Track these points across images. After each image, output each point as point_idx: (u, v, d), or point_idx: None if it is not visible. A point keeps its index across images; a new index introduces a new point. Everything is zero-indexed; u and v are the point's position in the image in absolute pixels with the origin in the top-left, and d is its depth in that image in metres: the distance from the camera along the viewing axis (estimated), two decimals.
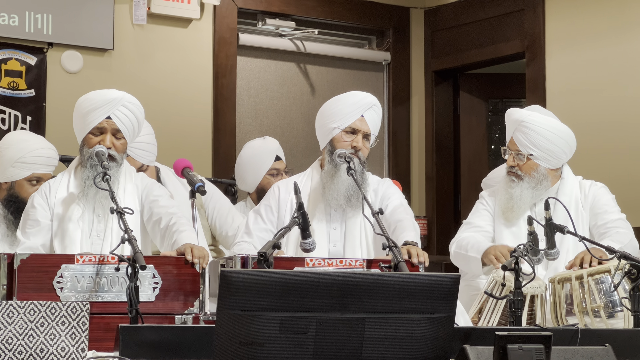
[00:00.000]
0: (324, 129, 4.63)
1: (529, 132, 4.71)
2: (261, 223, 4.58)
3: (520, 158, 4.75)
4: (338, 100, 4.65)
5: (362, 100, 4.62)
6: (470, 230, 4.82)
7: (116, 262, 3.74)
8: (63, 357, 2.99)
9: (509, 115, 4.85)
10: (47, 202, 4.34)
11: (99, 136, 4.34)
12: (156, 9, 6.82)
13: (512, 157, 4.77)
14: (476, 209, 4.92)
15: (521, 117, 4.76)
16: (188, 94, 6.97)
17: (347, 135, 4.58)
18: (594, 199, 4.78)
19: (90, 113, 4.34)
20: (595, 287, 4.21)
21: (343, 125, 4.57)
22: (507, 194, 4.76)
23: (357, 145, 4.56)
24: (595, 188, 4.81)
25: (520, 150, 4.74)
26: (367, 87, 7.87)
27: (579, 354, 3.12)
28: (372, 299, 2.87)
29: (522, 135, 4.72)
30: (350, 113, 4.58)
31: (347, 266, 4.08)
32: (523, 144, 4.72)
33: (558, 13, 7.11)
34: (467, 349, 3.00)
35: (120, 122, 4.35)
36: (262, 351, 2.79)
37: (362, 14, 7.77)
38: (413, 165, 7.93)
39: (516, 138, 4.74)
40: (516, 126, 4.75)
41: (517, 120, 4.76)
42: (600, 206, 4.75)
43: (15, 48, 6.45)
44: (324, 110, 4.68)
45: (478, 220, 4.85)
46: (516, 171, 4.75)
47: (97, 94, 4.40)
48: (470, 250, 4.64)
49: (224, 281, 2.77)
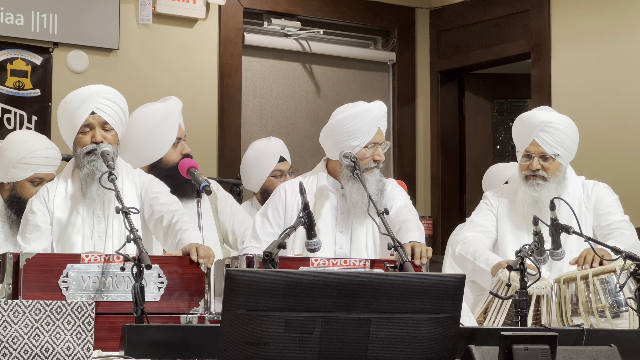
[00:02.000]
0: (342, 145, 4.59)
1: (556, 132, 4.70)
2: (268, 227, 4.57)
3: (545, 159, 4.73)
4: (356, 117, 4.59)
5: (378, 113, 4.63)
6: (474, 229, 4.80)
7: (121, 261, 3.75)
8: (68, 356, 2.99)
9: (526, 119, 4.78)
10: (46, 206, 4.33)
11: (89, 133, 4.33)
12: (162, 9, 6.82)
13: (536, 159, 4.74)
14: (480, 208, 4.91)
15: (546, 118, 4.74)
16: (193, 93, 6.97)
17: (367, 150, 4.60)
18: (597, 199, 4.77)
19: (73, 113, 4.33)
20: (600, 287, 4.21)
21: (364, 143, 4.59)
22: (530, 198, 4.70)
23: (380, 157, 4.62)
24: (599, 188, 4.80)
25: (545, 152, 4.71)
26: (373, 87, 7.88)
27: (584, 354, 3.12)
28: (377, 299, 2.87)
29: (547, 136, 4.70)
30: (370, 129, 4.60)
31: (351, 266, 4.08)
32: (549, 144, 4.70)
33: (564, 13, 7.10)
34: (472, 349, 3.00)
35: (106, 114, 4.34)
36: (267, 351, 2.79)
37: (368, 14, 7.77)
38: (418, 166, 7.92)
39: (540, 140, 4.71)
40: (541, 128, 4.71)
41: (541, 122, 4.72)
42: (604, 207, 4.74)
43: (20, 48, 6.46)
44: (339, 127, 4.61)
45: (481, 220, 4.83)
46: (541, 174, 4.72)
47: (75, 93, 4.39)
48: (479, 260, 4.60)
49: (229, 281, 2.77)
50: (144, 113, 4.87)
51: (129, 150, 4.67)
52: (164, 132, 4.83)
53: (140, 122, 4.81)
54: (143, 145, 4.79)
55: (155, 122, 4.83)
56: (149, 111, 4.88)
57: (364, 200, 4.45)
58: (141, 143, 4.78)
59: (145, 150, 4.81)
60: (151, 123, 4.82)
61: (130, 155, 4.64)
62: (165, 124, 4.85)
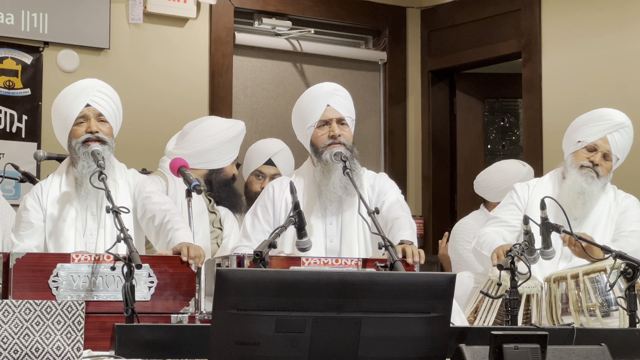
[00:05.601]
0: (302, 134, 4.63)
1: (627, 137, 4.79)
2: (258, 225, 4.57)
3: (606, 159, 4.75)
4: (300, 102, 4.65)
5: (321, 90, 4.61)
6: (495, 225, 4.79)
7: (112, 261, 3.74)
8: (58, 356, 2.98)
9: (606, 115, 4.82)
10: (40, 203, 4.33)
11: (84, 124, 4.33)
12: (152, 8, 6.81)
13: (600, 155, 4.75)
14: (504, 202, 4.89)
15: (625, 121, 4.81)
16: (184, 93, 6.97)
17: (321, 129, 4.56)
18: (626, 209, 4.81)
19: (68, 106, 4.35)
20: (590, 286, 4.22)
21: (313, 121, 4.55)
22: (579, 187, 4.71)
23: (334, 132, 4.53)
24: (629, 200, 4.86)
25: (611, 151, 4.75)
26: (364, 87, 7.88)
27: (574, 353, 3.12)
28: (368, 298, 2.87)
29: (620, 138, 4.76)
30: (316, 107, 4.55)
31: (342, 265, 4.08)
32: (618, 146, 4.76)
33: (554, 13, 7.11)
34: (462, 349, 3.00)
35: (101, 107, 4.36)
36: (258, 350, 2.79)
37: (359, 13, 7.77)
38: (409, 165, 7.93)
39: (613, 139, 4.75)
40: (617, 128, 4.76)
41: (620, 124, 4.78)
42: (626, 217, 4.78)
43: (11, 47, 6.44)
44: (293, 116, 4.70)
45: (504, 215, 4.81)
46: (598, 170, 4.74)
47: (69, 88, 4.41)
48: (485, 249, 4.62)
49: (219, 280, 2.77)
50: (229, 124, 5.33)
51: (201, 149, 5.14)
52: (234, 146, 5.27)
53: (223, 130, 5.25)
54: (218, 150, 5.20)
55: (233, 135, 5.26)
56: (231, 124, 5.33)
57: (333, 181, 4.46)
58: (217, 148, 5.19)
59: (217, 155, 5.20)
60: (231, 134, 5.25)
61: (201, 154, 5.13)
62: (237, 140, 5.29)
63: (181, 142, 5.26)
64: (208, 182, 5.22)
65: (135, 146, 6.42)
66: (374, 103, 7.93)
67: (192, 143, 5.17)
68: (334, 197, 4.52)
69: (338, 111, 4.56)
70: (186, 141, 5.20)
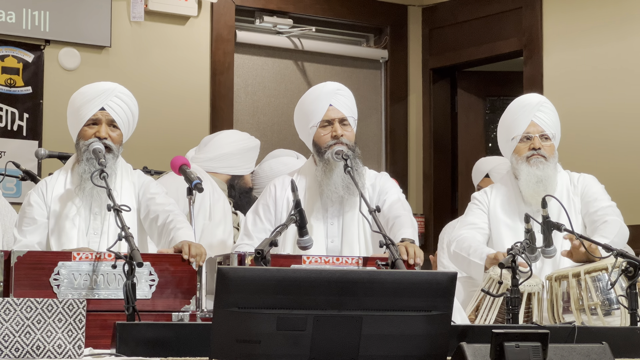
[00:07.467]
0: (304, 133, 4.62)
1: (550, 112, 4.76)
2: (259, 223, 4.57)
3: (545, 139, 4.73)
4: (302, 102, 4.63)
5: (323, 90, 4.60)
6: (467, 227, 4.80)
7: (113, 259, 3.74)
8: (60, 354, 2.98)
9: (522, 102, 4.79)
10: (44, 199, 4.33)
11: (94, 127, 4.33)
12: (153, 6, 6.81)
13: (537, 139, 4.73)
14: (469, 208, 4.90)
15: (541, 99, 4.82)
16: (185, 91, 6.97)
17: (324, 129, 4.56)
18: (584, 187, 4.78)
19: (83, 106, 4.33)
20: (592, 285, 4.21)
21: (316, 121, 4.55)
22: (535, 177, 4.67)
23: (337, 132, 4.52)
24: (584, 178, 4.82)
25: (545, 131, 4.72)
26: (365, 85, 7.88)
27: (575, 351, 3.13)
28: (369, 296, 2.87)
29: (545, 116, 4.73)
30: (318, 107, 4.55)
31: (343, 264, 4.08)
32: (547, 124, 4.72)
33: (556, 10, 7.11)
34: (464, 347, 3.00)
35: (115, 113, 4.34)
36: (259, 348, 2.79)
37: (360, 11, 7.77)
38: (410, 163, 7.93)
39: (539, 119, 4.71)
40: (538, 108, 4.73)
41: (538, 103, 4.76)
42: (591, 194, 4.75)
43: (12, 45, 6.45)
44: (295, 116, 4.68)
45: (473, 218, 4.82)
46: (543, 153, 4.71)
47: (90, 87, 4.39)
48: (473, 255, 4.59)
49: (221, 278, 2.77)
50: (248, 136, 5.61)
51: (225, 152, 5.41)
52: (252, 157, 5.54)
53: (244, 139, 5.55)
54: (241, 156, 5.47)
55: (252, 145, 5.56)
56: (249, 136, 5.62)
57: (335, 180, 4.46)
58: (240, 154, 5.47)
59: (239, 161, 5.46)
60: (250, 144, 5.55)
61: (225, 157, 5.40)
62: (255, 151, 5.57)
63: (203, 148, 5.47)
64: (230, 187, 5.42)
65: (136, 144, 6.41)
66: (375, 101, 7.93)
67: (215, 147, 5.42)
68: (335, 197, 4.51)
69: (340, 111, 4.56)
70: (209, 147, 5.44)
